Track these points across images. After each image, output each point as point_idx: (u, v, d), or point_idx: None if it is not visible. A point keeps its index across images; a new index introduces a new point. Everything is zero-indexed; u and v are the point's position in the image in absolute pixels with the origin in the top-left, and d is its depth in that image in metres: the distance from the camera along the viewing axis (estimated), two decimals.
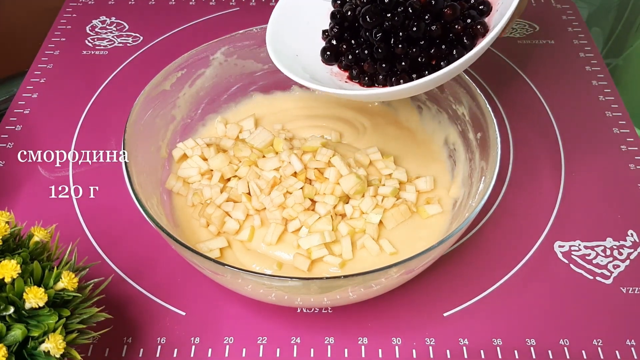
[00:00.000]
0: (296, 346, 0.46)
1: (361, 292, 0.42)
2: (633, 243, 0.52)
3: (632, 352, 0.45)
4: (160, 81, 0.50)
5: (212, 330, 0.47)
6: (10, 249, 0.37)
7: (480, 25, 0.42)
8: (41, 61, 0.70)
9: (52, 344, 0.34)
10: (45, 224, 0.40)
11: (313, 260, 0.46)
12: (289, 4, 0.48)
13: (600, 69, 0.69)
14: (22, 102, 0.65)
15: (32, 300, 0.34)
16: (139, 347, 0.46)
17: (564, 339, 0.46)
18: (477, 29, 0.42)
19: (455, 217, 0.49)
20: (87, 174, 0.58)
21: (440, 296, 0.49)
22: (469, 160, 0.51)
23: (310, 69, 0.46)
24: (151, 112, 0.50)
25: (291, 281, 0.39)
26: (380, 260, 0.47)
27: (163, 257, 0.51)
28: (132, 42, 0.73)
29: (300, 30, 0.48)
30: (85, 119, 0.63)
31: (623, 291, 0.49)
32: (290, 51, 0.47)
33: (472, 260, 0.51)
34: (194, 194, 0.50)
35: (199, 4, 0.78)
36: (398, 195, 0.51)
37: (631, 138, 0.61)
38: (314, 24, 0.48)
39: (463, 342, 0.46)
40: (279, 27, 0.47)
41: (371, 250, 0.47)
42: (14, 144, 0.60)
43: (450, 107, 0.53)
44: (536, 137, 0.62)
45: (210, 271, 0.41)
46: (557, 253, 0.52)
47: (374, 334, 0.47)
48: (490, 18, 0.43)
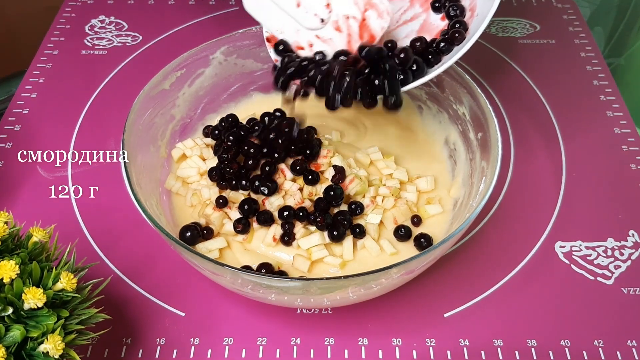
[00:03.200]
0: (296, 347, 0.46)
1: (361, 292, 0.42)
2: (634, 243, 0.52)
3: (634, 353, 0.45)
4: (160, 81, 0.50)
5: (212, 331, 0.47)
6: (9, 249, 0.37)
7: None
8: (40, 61, 0.69)
9: (51, 344, 0.34)
10: (44, 224, 0.40)
11: (313, 261, 0.46)
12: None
13: (602, 68, 0.68)
14: (21, 102, 0.65)
15: (31, 300, 0.34)
16: (138, 348, 0.46)
17: (565, 339, 0.46)
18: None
19: (455, 218, 0.48)
20: (86, 174, 0.58)
21: (441, 297, 0.49)
22: (469, 160, 0.51)
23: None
24: (150, 112, 0.50)
25: (291, 282, 0.39)
26: (381, 261, 0.47)
27: (162, 257, 0.51)
28: (132, 42, 0.72)
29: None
30: (84, 118, 0.63)
31: (624, 292, 0.49)
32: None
33: (473, 260, 0.51)
34: (192, 195, 0.50)
35: (199, 4, 0.78)
36: (399, 195, 0.51)
37: (632, 138, 0.61)
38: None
39: (464, 342, 0.46)
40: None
41: (371, 250, 0.47)
42: (12, 144, 0.60)
43: (451, 106, 0.53)
44: (537, 137, 0.61)
45: (210, 272, 0.41)
46: (558, 253, 0.52)
47: (374, 335, 0.47)
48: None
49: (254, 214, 0.47)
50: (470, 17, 0.45)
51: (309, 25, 0.46)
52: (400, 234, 0.48)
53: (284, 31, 0.47)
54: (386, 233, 0.49)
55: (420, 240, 0.47)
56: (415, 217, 0.49)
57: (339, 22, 0.45)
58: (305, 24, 0.46)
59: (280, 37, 0.47)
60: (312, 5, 0.45)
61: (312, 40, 0.46)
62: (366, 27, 0.45)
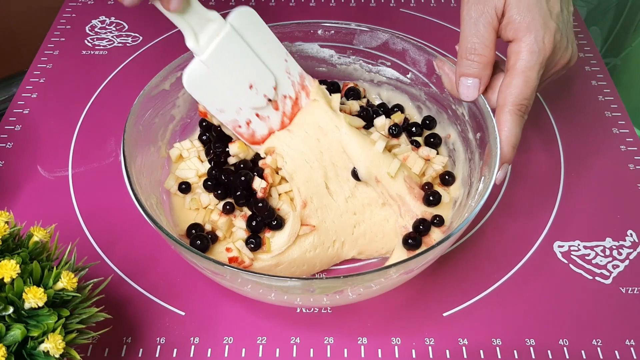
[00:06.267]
0: (296, 346, 0.46)
1: (361, 292, 0.42)
2: (632, 243, 0.52)
3: (632, 352, 0.45)
4: (160, 81, 0.50)
5: (212, 330, 0.47)
6: (10, 249, 0.37)
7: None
8: (41, 61, 0.70)
9: (51, 344, 0.34)
10: (45, 223, 0.40)
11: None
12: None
13: (600, 69, 0.69)
14: (22, 102, 0.65)
15: (32, 300, 0.34)
16: (139, 347, 0.46)
17: (563, 339, 0.46)
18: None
19: (454, 217, 0.49)
20: (86, 174, 0.58)
21: (440, 296, 0.49)
22: (468, 160, 0.51)
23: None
24: (151, 112, 0.50)
25: (291, 281, 0.39)
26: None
27: (162, 257, 0.51)
28: (132, 42, 0.73)
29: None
30: (84, 118, 0.63)
31: (622, 291, 0.49)
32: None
33: (472, 260, 0.51)
34: (191, 200, 0.50)
35: None
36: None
37: (630, 138, 0.61)
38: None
39: (462, 342, 0.46)
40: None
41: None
42: (13, 143, 0.60)
43: (450, 107, 0.53)
44: (536, 137, 0.62)
45: (210, 271, 0.41)
46: (556, 253, 0.52)
47: (373, 334, 0.47)
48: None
49: (262, 228, 0.48)
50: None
51: (256, 104, 0.48)
52: (410, 244, 0.47)
53: (224, 110, 0.47)
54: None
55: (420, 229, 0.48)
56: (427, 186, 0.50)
57: (278, 101, 0.49)
58: (253, 104, 0.48)
59: (220, 116, 0.47)
60: (264, 87, 0.48)
61: (252, 118, 0.48)
62: (297, 105, 0.50)
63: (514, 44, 0.44)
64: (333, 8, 0.77)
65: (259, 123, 0.49)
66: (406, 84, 0.56)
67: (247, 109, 0.48)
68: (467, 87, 0.46)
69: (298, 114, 0.50)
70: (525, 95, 0.43)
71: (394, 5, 0.77)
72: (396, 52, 0.55)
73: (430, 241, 0.48)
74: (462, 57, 0.45)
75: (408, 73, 0.55)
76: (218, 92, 0.46)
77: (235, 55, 0.46)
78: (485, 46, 0.45)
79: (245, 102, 0.47)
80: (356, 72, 0.58)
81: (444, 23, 0.75)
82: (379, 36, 0.55)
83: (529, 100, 0.44)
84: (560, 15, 0.45)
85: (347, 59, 0.57)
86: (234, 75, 0.46)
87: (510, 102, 0.43)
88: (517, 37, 0.44)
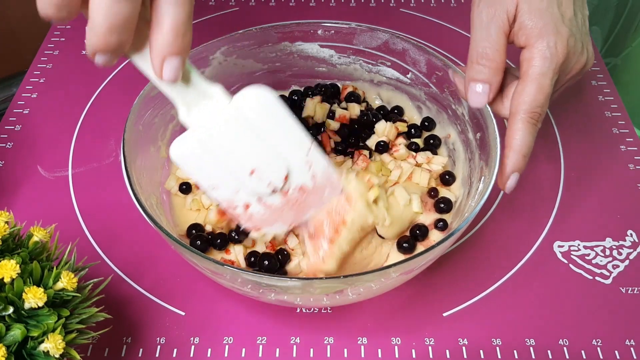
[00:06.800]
0: (295, 346, 0.46)
1: (360, 292, 0.42)
2: (632, 243, 0.52)
3: (632, 352, 0.45)
4: None
5: (212, 330, 0.47)
6: (10, 249, 0.37)
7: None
8: (41, 61, 0.70)
9: (51, 343, 0.34)
10: (45, 223, 0.40)
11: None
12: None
13: (600, 69, 0.69)
14: (22, 102, 0.65)
15: (32, 300, 0.34)
16: (139, 347, 0.46)
17: (563, 339, 0.46)
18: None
19: (454, 217, 0.49)
20: (86, 174, 0.58)
21: (440, 296, 0.49)
22: (468, 160, 0.51)
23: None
24: (151, 112, 0.50)
25: (291, 281, 0.39)
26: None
27: (162, 257, 0.51)
28: None
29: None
30: (84, 119, 0.63)
31: (622, 291, 0.49)
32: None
33: (472, 260, 0.51)
34: (193, 200, 0.50)
35: (199, 4, 0.78)
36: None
37: (630, 138, 0.61)
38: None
39: (462, 342, 0.46)
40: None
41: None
42: (13, 144, 0.60)
43: (450, 107, 0.53)
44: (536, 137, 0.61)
45: (210, 271, 0.41)
46: (556, 253, 0.52)
47: (373, 334, 0.47)
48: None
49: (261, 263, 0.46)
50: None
51: (258, 191, 0.41)
52: (404, 247, 0.47)
53: (218, 188, 0.40)
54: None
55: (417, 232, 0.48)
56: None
57: (289, 191, 0.42)
58: (254, 190, 0.41)
59: (213, 193, 0.40)
60: (269, 175, 0.40)
61: (251, 202, 0.41)
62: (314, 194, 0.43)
63: (527, 50, 0.43)
64: (333, 8, 0.77)
65: (258, 208, 0.42)
66: (406, 84, 0.57)
67: (246, 194, 0.41)
68: (476, 94, 0.44)
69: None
70: (538, 102, 0.42)
71: (394, 5, 0.77)
72: (396, 52, 0.55)
73: (430, 241, 0.48)
74: (472, 62, 0.44)
75: (408, 73, 0.55)
76: (210, 168, 0.39)
77: (235, 138, 0.39)
78: (496, 51, 0.43)
79: (248, 188, 0.41)
80: (356, 72, 0.58)
81: (444, 23, 0.75)
82: (379, 36, 0.55)
83: (542, 108, 0.42)
84: (574, 19, 0.44)
85: (347, 59, 0.57)
86: (233, 158, 0.39)
87: (522, 109, 0.42)
88: (529, 43, 0.42)
